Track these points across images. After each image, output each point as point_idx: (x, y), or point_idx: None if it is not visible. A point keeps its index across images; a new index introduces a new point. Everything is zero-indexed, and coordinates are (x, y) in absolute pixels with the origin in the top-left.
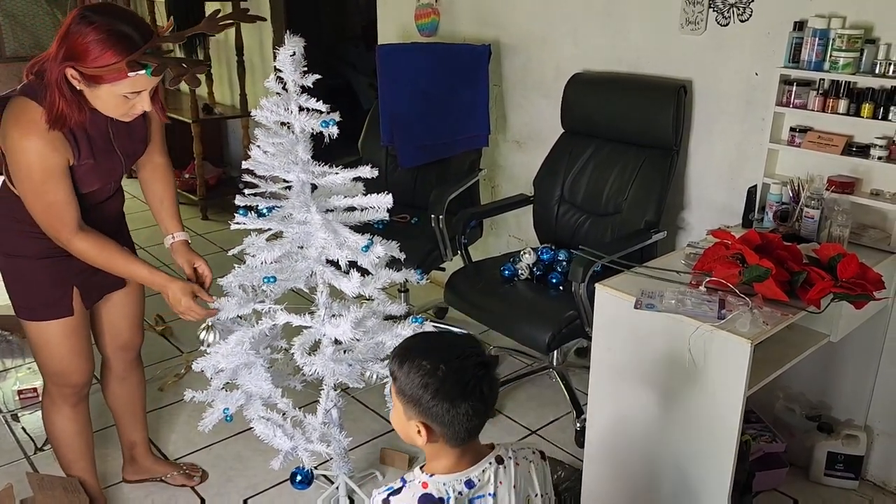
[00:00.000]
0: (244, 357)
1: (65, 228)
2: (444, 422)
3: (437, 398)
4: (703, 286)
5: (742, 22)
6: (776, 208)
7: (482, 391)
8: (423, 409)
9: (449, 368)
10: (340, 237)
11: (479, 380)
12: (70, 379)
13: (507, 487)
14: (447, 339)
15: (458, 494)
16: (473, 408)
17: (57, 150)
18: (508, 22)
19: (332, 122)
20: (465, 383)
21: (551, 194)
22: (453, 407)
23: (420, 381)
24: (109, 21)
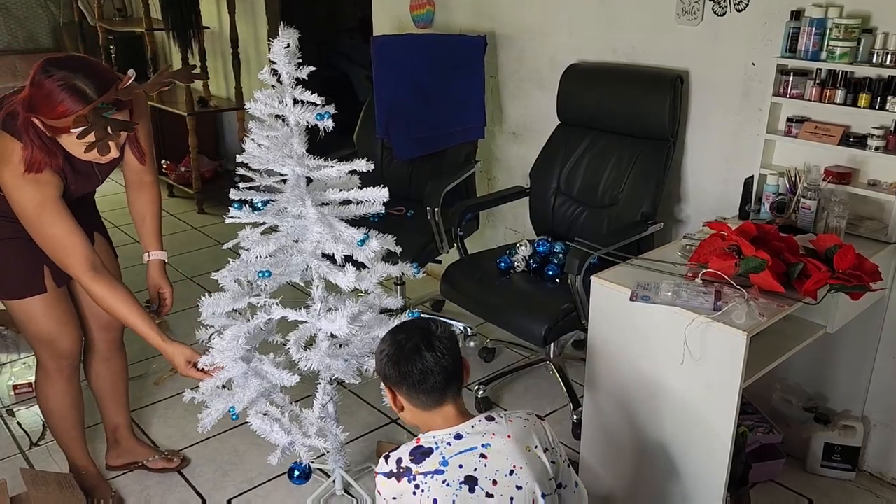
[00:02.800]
0: (240, 352)
1: (75, 265)
2: (400, 383)
3: (387, 364)
4: (700, 278)
5: (739, 11)
6: (773, 199)
7: (417, 349)
8: (385, 376)
9: (393, 338)
10: (336, 231)
11: (417, 344)
12: (61, 346)
13: (500, 438)
14: (405, 322)
15: (448, 445)
16: (418, 369)
17: (49, 184)
18: (504, 13)
19: (327, 114)
20: (403, 347)
21: (547, 186)
22: (400, 369)
23: (378, 354)
24: (66, 74)
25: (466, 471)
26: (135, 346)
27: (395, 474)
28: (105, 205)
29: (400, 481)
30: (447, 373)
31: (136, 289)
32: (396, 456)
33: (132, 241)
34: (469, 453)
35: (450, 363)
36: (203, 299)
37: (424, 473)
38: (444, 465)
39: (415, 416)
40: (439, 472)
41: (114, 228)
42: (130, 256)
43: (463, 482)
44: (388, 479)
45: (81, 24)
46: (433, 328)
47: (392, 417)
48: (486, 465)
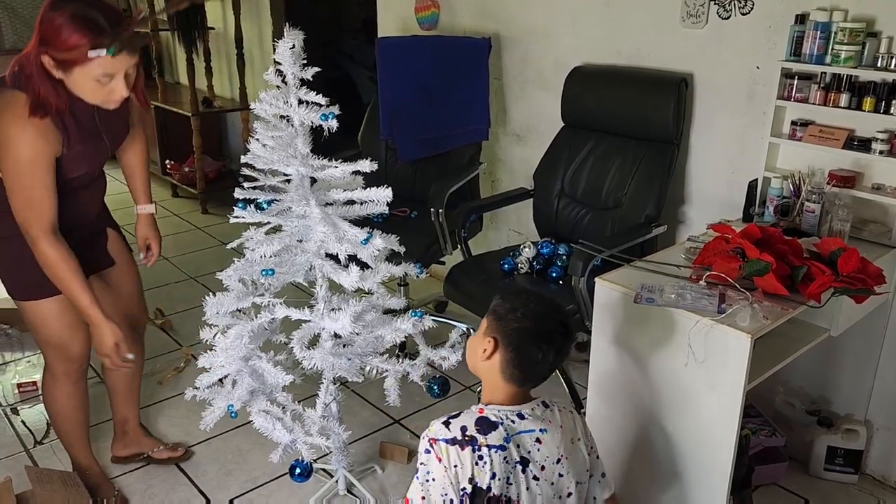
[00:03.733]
0: (243, 350)
1: (37, 225)
2: (515, 351)
3: (519, 322)
4: (703, 280)
5: (743, 15)
6: (777, 202)
7: (552, 342)
8: (504, 327)
9: (539, 308)
10: (339, 231)
11: (555, 332)
12: (70, 351)
13: (555, 426)
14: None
15: (511, 423)
16: (539, 350)
17: (48, 140)
18: (508, 15)
19: (331, 115)
20: (542, 325)
21: (551, 188)
22: (524, 339)
23: (512, 304)
24: (77, 5)
25: (523, 451)
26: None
27: (459, 442)
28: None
29: (464, 449)
30: (548, 374)
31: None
32: (460, 424)
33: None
34: (527, 434)
35: (556, 367)
36: (207, 299)
37: (490, 446)
38: (507, 442)
39: (492, 374)
40: (503, 447)
41: None
42: None
43: (518, 462)
44: (451, 445)
45: None
46: (570, 327)
47: (395, 418)
48: (539, 449)
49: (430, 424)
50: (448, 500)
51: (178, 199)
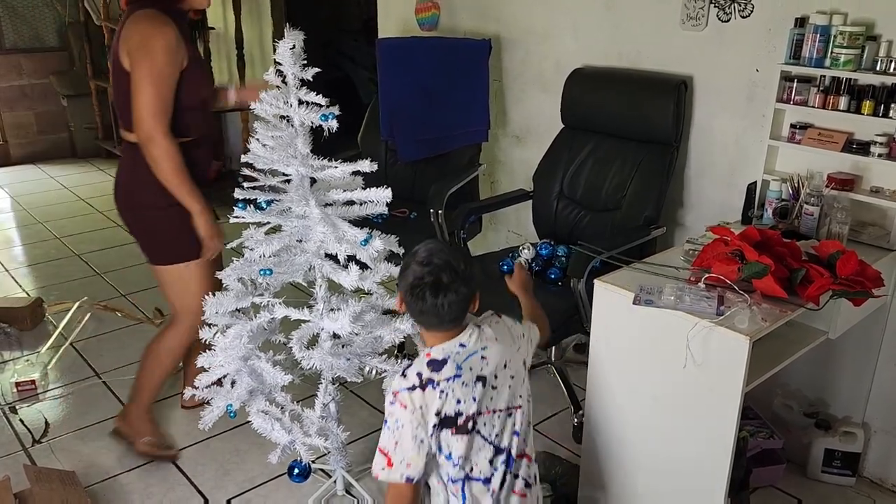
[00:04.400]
0: (242, 350)
1: (162, 125)
2: (409, 307)
3: (404, 285)
4: (702, 282)
5: (743, 18)
6: (776, 205)
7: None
8: (397, 285)
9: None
10: (339, 231)
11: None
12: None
13: (491, 341)
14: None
15: (457, 353)
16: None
17: (179, 44)
18: (508, 16)
19: (331, 115)
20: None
21: (551, 189)
22: (406, 293)
23: (403, 269)
24: None
25: (476, 371)
26: (137, 345)
27: (419, 386)
28: (108, 204)
29: (425, 390)
30: (450, 315)
31: (138, 288)
32: (414, 371)
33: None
34: (474, 357)
35: (455, 309)
36: (207, 298)
37: (446, 379)
38: (459, 370)
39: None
40: (458, 376)
41: (116, 227)
42: (133, 256)
43: (476, 380)
44: (412, 391)
45: (87, 24)
46: (447, 278)
47: None
48: (487, 363)
49: (389, 381)
50: (419, 440)
51: None
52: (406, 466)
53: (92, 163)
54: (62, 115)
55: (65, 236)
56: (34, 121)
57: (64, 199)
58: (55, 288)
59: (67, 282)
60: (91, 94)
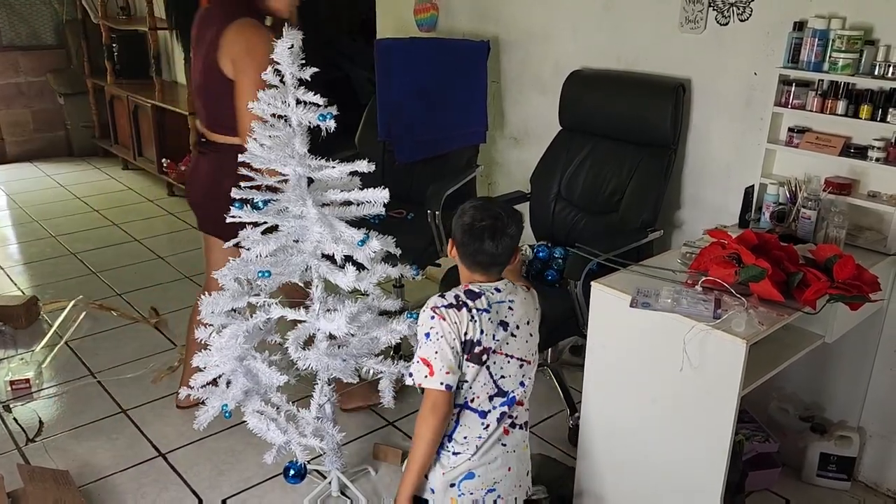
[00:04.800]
0: (238, 350)
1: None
2: (461, 246)
3: (460, 228)
4: (699, 286)
5: (742, 21)
6: (773, 209)
7: (482, 234)
8: (453, 233)
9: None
10: (336, 231)
11: (483, 228)
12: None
13: (519, 298)
14: (486, 203)
15: (491, 294)
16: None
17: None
18: (507, 18)
19: (329, 115)
20: (473, 223)
21: (548, 191)
22: (464, 238)
23: (459, 215)
24: None
25: (501, 316)
26: (132, 344)
27: (455, 305)
28: (104, 202)
29: (460, 310)
30: (497, 261)
31: (133, 287)
32: (453, 293)
33: (131, 239)
34: (503, 304)
35: (503, 256)
36: (203, 298)
37: (478, 309)
38: (489, 307)
39: (460, 267)
40: (487, 310)
41: (112, 226)
42: (129, 255)
43: (499, 323)
44: (449, 308)
45: (85, 22)
46: (503, 223)
47: (388, 419)
48: (513, 315)
49: (428, 301)
50: (455, 351)
51: (174, 198)
52: (445, 374)
53: (88, 161)
54: (59, 113)
55: (60, 235)
56: (30, 118)
57: (60, 198)
58: (50, 286)
59: (63, 280)
60: (88, 93)
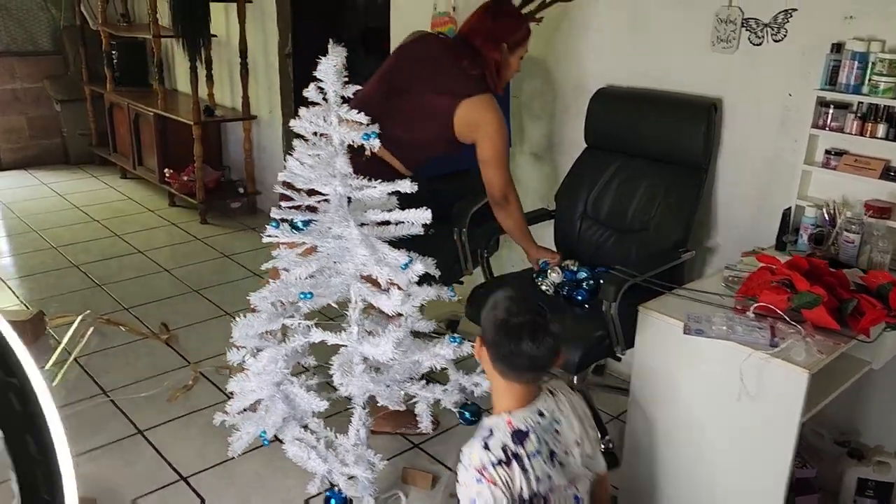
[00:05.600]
0: (278, 376)
1: (514, 189)
2: (494, 348)
3: (492, 326)
4: (751, 312)
5: (776, 42)
6: (811, 231)
7: (519, 334)
8: (482, 325)
9: (508, 306)
10: (379, 253)
11: (521, 325)
12: None
13: (566, 414)
14: (530, 300)
15: (536, 424)
16: (514, 349)
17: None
18: None
19: (373, 134)
20: (509, 319)
21: (574, 209)
22: (498, 339)
23: (489, 310)
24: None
25: (550, 446)
26: (144, 361)
27: (505, 462)
28: (104, 212)
29: (511, 466)
30: (536, 365)
31: (141, 301)
32: (499, 444)
33: (134, 250)
34: (549, 430)
35: (543, 359)
36: (237, 320)
37: (529, 456)
38: (539, 445)
39: (492, 375)
40: (539, 451)
41: (114, 237)
42: (133, 267)
43: (549, 456)
44: (499, 467)
45: (83, 28)
46: (544, 321)
47: (414, 442)
48: (559, 440)
49: (467, 452)
50: None
51: (175, 209)
52: None
53: (85, 169)
54: (55, 120)
55: (61, 245)
56: (26, 125)
57: (58, 207)
58: (54, 300)
59: (67, 293)
60: (85, 100)
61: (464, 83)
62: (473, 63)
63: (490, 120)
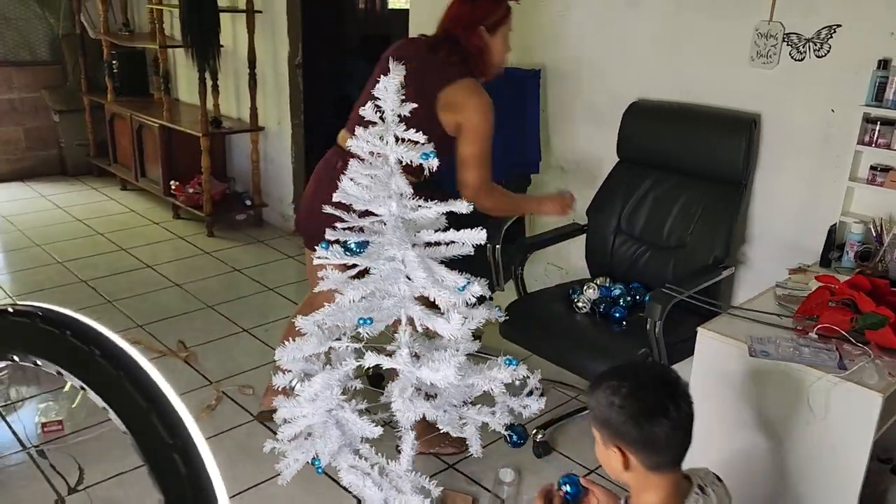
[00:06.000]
0: (334, 402)
1: (488, 180)
2: (636, 442)
3: (622, 415)
4: (814, 332)
5: (819, 58)
6: (857, 248)
7: (667, 409)
8: (615, 430)
9: (631, 385)
10: (437, 275)
11: (663, 399)
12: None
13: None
14: (635, 363)
15: None
16: (661, 426)
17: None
18: (556, 46)
19: (432, 154)
20: (646, 401)
21: (607, 224)
22: (638, 424)
23: (606, 400)
24: None
25: None
26: (166, 380)
27: None
28: (107, 225)
29: None
30: (685, 441)
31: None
32: None
33: (142, 265)
34: None
35: (688, 432)
36: (285, 345)
37: None
38: None
39: (637, 476)
40: None
41: (120, 251)
42: (142, 282)
43: None
44: None
45: (83, 37)
46: (676, 378)
47: (448, 463)
48: None
49: None
50: None
51: (180, 221)
52: None
53: (83, 181)
54: (52, 130)
55: (67, 261)
56: (23, 136)
57: (60, 220)
58: None
59: (77, 311)
60: (84, 110)
61: (445, 72)
62: (451, 51)
63: (474, 104)
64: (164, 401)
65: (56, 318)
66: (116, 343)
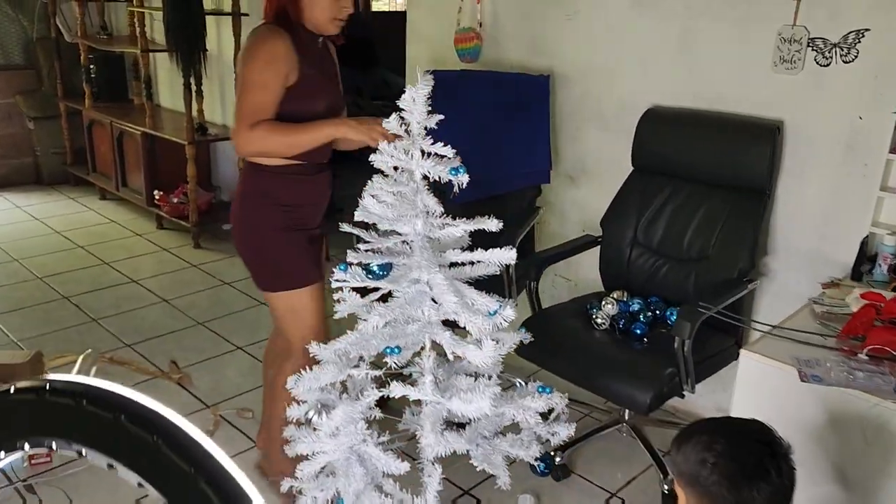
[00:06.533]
0: (359, 436)
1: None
2: (715, 495)
3: (715, 473)
4: (864, 354)
5: (846, 63)
6: (891, 261)
7: (768, 473)
8: (704, 489)
9: (728, 443)
10: (468, 299)
11: (763, 460)
12: (321, 334)
13: None
14: (731, 419)
15: None
16: (760, 491)
17: (287, 53)
18: (564, 51)
19: (462, 169)
20: (745, 461)
21: (623, 236)
22: (734, 487)
23: (696, 456)
24: None
25: None
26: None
27: None
28: (87, 237)
29: None
30: (789, 500)
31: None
32: None
33: (127, 279)
34: None
35: (792, 490)
36: (303, 374)
37: None
38: None
39: None
40: None
41: (103, 265)
42: (128, 298)
43: None
44: None
45: (58, 41)
46: (778, 438)
47: (463, 488)
48: None
49: None
50: None
51: (163, 232)
52: None
53: (59, 190)
54: (27, 138)
55: (47, 276)
56: None
57: (37, 232)
58: (48, 337)
59: (61, 330)
60: (60, 117)
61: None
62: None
63: (244, 50)
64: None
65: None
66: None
